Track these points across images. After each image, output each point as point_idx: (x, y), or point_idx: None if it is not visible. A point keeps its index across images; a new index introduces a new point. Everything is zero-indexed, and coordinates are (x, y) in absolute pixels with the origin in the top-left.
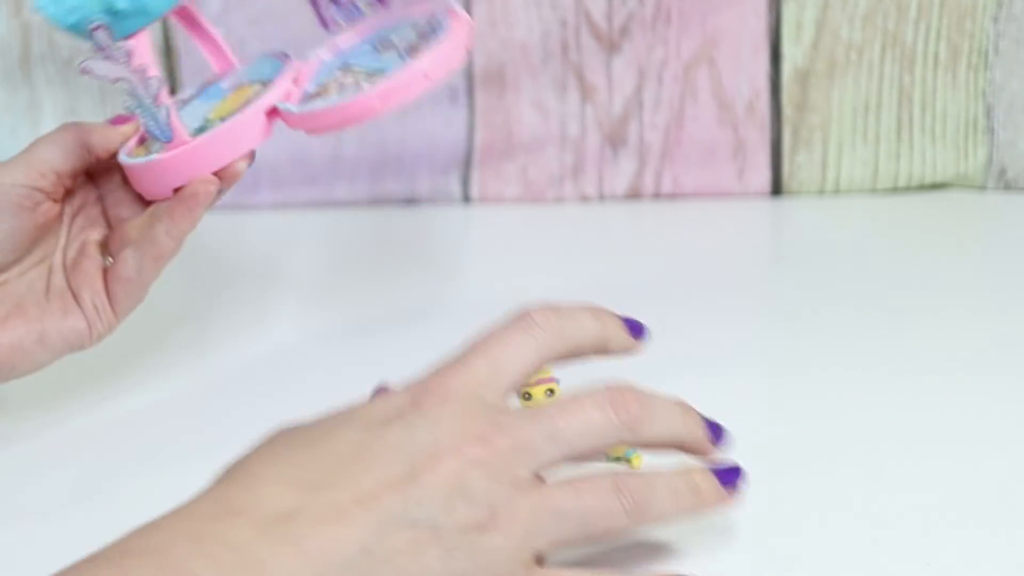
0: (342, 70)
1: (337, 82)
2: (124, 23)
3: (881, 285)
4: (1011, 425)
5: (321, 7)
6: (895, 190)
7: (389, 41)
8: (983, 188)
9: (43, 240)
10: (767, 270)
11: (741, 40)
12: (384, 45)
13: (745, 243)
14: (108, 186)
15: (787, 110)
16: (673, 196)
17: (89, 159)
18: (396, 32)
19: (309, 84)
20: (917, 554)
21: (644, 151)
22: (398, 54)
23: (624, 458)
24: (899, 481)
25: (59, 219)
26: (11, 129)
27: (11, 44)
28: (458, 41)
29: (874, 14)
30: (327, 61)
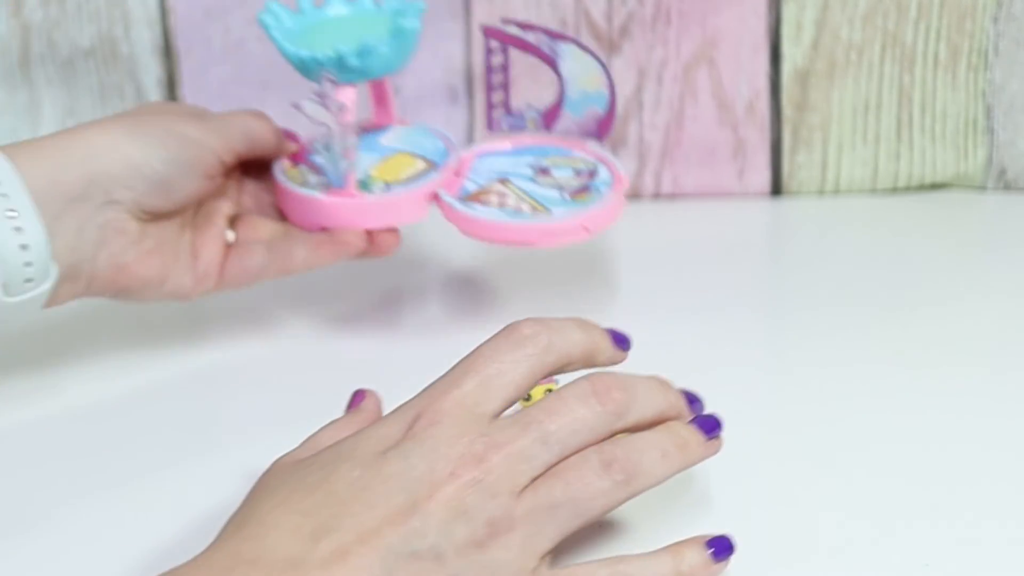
0: (501, 181)
1: (497, 193)
2: (344, 76)
3: (881, 285)
4: (1011, 424)
5: (492, 108)
6: (895, 190)
7: (547, 170)
8: (983, 188)
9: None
10: (767, 270)
11: (741, 40)
12: (542, 172)
13: (745, 243)
14: (252, 176)
15: (787, 110)
16: (673, 196)
17: (260, 153)
18: (550, 158)
19: (468, 180)
20: (917, 554)
21: (644, 151)
22: (560, 193)
23: None
24: (898, 480)
25: (220, 190)
26: (11, 129)
27: (11, 44)
28: (618, 202)
29: (874, 14)
30: (483, 160)
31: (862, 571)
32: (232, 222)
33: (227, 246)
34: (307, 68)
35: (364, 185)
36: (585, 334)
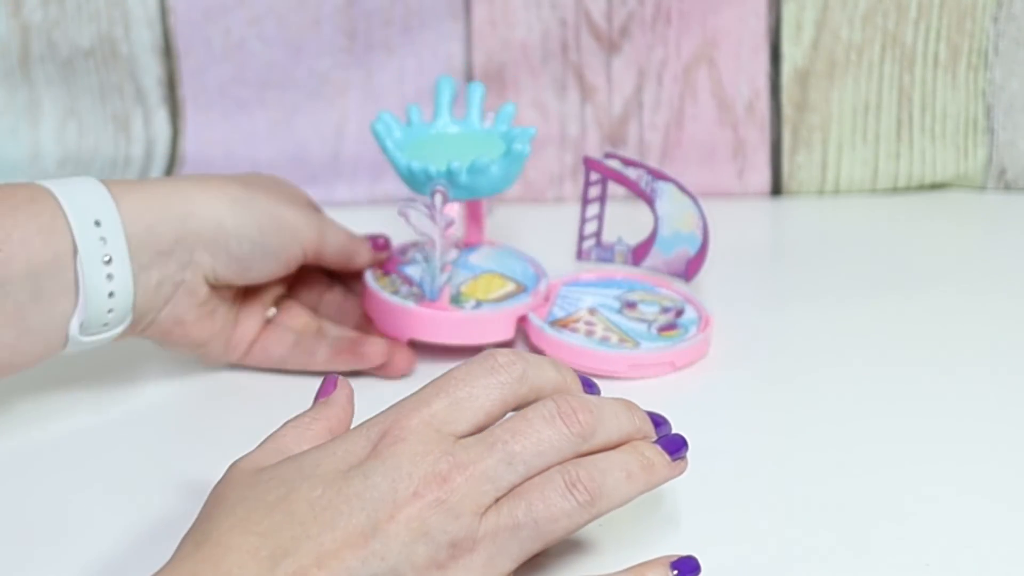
0: (589, 310)
1: (585, 322)
2: (452, 192)
3: (881, 285)
4: (1010, 423)
5: (584, 239)
6: (895, 190)
7: (634, 304)
8: (983, 188)
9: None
10: (767, 270)
11: (741, 40)
12: (629, 306)
13: (745, 243)
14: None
15: (787, 110)
16: None
17: (344, 268)
18: (637, 293)
19: (556, 307)
20: (917, 554)
21: (644, 151)
22: (647, 327)
23: None
24: (897, 479)
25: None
26: (11, 129)
27: (11, 44)
28: (705, 341)
29: (874, 14)
30: (570, 288)
31: (862, 571)
32: (276, 301)
33: (264, 324)
34: (416, 180)
35: (455, 300)
36: (558, 373)
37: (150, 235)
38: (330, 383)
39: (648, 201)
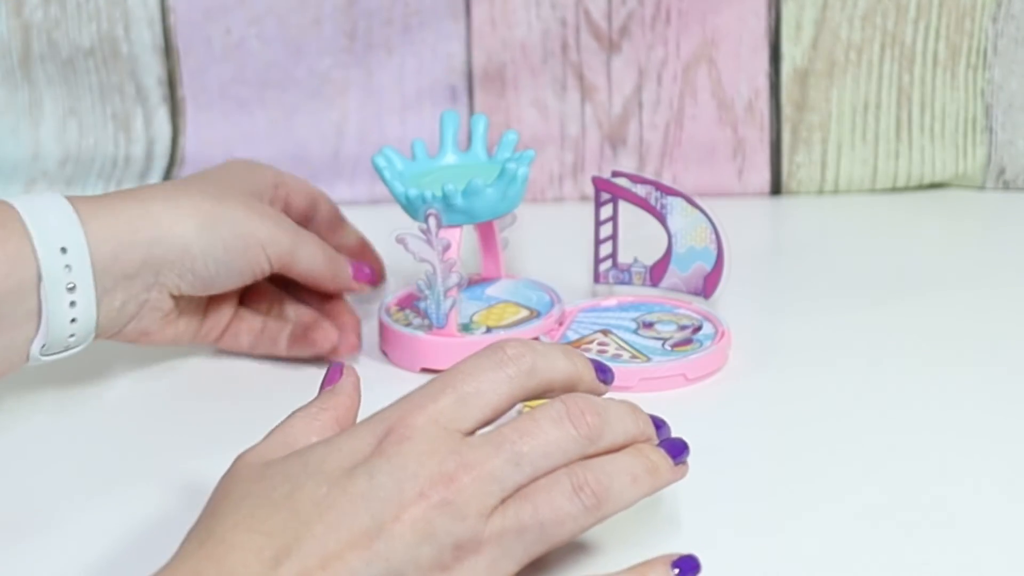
0: (603, 331)
1: (598, 343)
2: (450, 216)
3: (881, 284)
4: (1009, 421)
5: (600, 261)
6: (894, 189)
7: (650, 324)
8: (982, 187)
9: None
10: (766, 269)
11: (741, 40)
12: (646, 326)
13: (744, 242)
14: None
15: (786, 110)
16: None
17: (309, 283)
18: (655, 314)
19: (569, 330)
20: (917, 554)
21: (644, 151)
22: (661, 344)
23: None
24: (897, 478)
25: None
26: (11, 128)
27: (11, 44)
28: (720, 353)
29: (873, 14)
30: (587, 314)
31: (862, 571)
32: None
33: (233, 314)
34: (414, 206)
35: (466, 328)
36: (569, 362)
37: (116, 261)
38: (335, 371)
39: (659, 218)
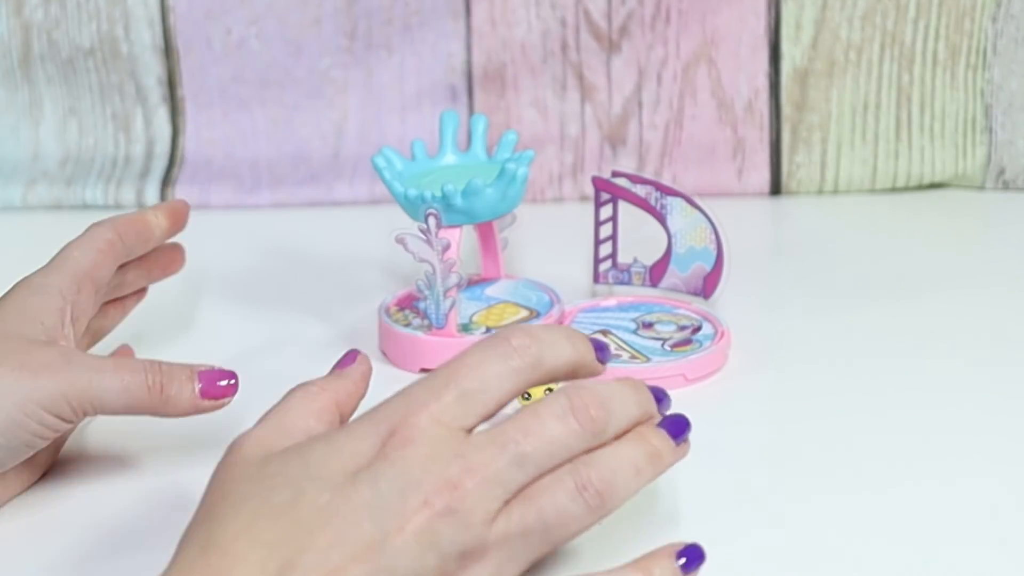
0: (602, 332)
1: None
2: (449, 216)
3: (880, 284)
4: (1009, 421)
5: (600, 261)
6: (894, 189)
7: (650, 325)
8: (982, 187)
9: None
10: (766, 269)
11: (740, 40)
12: (646, 327)
13: (744, 242)
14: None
15: (786, 109)
16: None
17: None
18: (655, 315)
19: None
20: (916, 553)
21: (644, 151)
22: (661, 345)
23: None
24: (897, 477)
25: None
26: (12, 128)
27: (11, 44)
28: (720, 353)
29: (873, 14)
30: (587, 314)
31: (861, 571)
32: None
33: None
34: (413, 206)
35: (465, 328)
36: (572, 347)
37: None
38: (350, 356)
39: (659, 218)
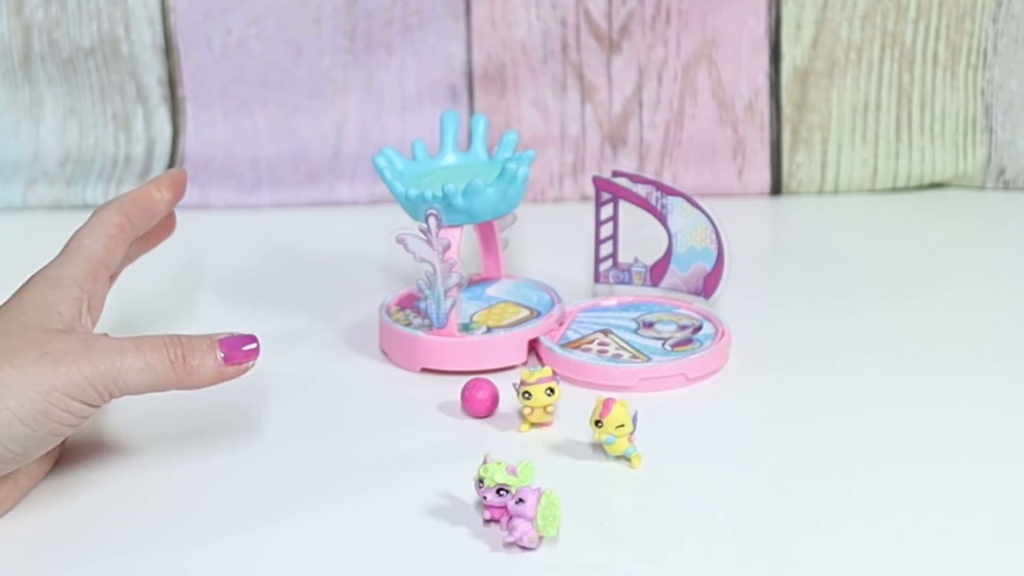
0: (603, 331)
1: (599, 343)
2: (450, 216)
3: (880, 284)
4: (1009, 420)
5: (601, 261)
6: (894, 189)
7: (651, 324)
8: (982, 187)
9: None
10: (766, 269)
11: (741, 40)
12: (646, 326)
13: (745, 242)
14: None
15: (787, 110)
16: None
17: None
18: (655, 314)
19: (570, 330)
20: (916, 552)
21: (644, 150)
22: (662, 344)
23: (624, 456)
24: (897, 477)
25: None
26: (12, 128)
27: (12, 43)
28: (720, 352)
29: (873, 14)
30: (588, 313)
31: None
32: None
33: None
34: (414, 206)
35: (466, 328)
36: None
37: None
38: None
39: (660, 218)
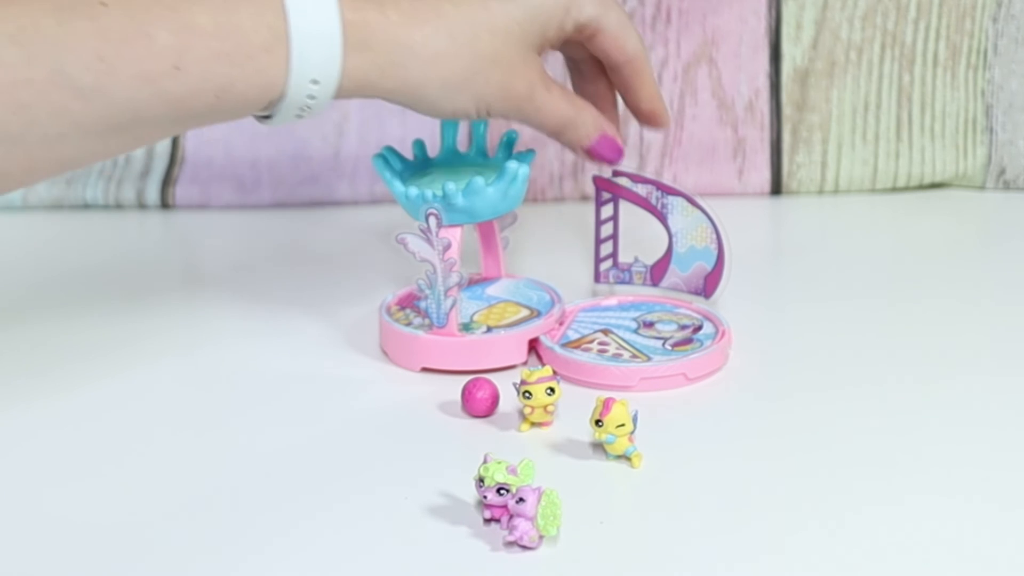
0: (603, 331)
1: (599, 343)
2: (450, 216)
3: (881, 284)
4: (1009, 421)
5: (601, 261)
6: (894, 189)
7: (651, 324)
8: (982, 187)
9: None
10: (766, 269)
11: (741, 40)
12: (647, 326)
13: (745, 242)
14: None
15: (787, 110)
16: None
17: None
18: (656, 314)
19: (570, 330)
20: (916, 552)
21: (644, 150)
22: (662, 344)
23: (624, 456)
24: (897, 477)
25: None
26: None
27: None
28: (721, 352)
29: (873, 14)
30: (588, 313)
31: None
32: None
33: None
34: (414, 205)
35: (466, 327)
36: None
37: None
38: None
39: (660, 218)
